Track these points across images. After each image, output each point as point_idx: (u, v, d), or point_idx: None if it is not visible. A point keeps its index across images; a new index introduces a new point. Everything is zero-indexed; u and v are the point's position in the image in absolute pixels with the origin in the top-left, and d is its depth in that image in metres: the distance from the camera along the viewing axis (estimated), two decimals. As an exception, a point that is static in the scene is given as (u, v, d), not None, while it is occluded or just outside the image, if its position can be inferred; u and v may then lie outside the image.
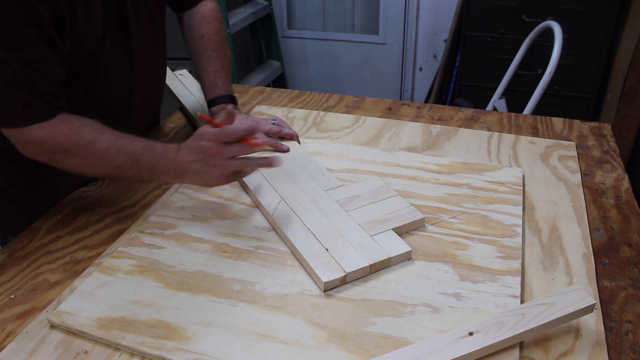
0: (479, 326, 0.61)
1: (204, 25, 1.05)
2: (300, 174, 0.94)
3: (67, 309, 0.68)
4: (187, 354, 0.62)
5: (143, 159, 0.80)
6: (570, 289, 0.64)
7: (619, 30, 2.15)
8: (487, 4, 2.23)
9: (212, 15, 1.07)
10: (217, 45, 1.05)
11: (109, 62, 0.88)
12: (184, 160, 0.79)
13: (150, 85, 1.02)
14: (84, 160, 0.80)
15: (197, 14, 1.06)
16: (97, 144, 0.78)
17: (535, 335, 0.63)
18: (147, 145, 0.80)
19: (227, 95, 1.04)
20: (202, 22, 1.05)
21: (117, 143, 0.79)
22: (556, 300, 0.63)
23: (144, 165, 0.80)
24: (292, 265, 0.75)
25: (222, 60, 1.05)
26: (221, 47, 1.06)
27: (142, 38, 0.93)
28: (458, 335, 0.60)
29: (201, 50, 1.04)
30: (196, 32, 1.05)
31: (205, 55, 1.04)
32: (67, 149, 0.78)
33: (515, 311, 0.62)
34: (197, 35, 1.05)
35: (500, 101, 2.10)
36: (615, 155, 1.03)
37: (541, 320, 0.61)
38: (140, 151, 0.79)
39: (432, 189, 0.91)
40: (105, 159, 0.79)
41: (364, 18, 2.96)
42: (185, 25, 1.07)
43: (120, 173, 0.82)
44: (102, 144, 0.78)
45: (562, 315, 0.61)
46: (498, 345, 0.60)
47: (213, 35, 1.05)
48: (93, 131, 0.78)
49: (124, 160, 0.79)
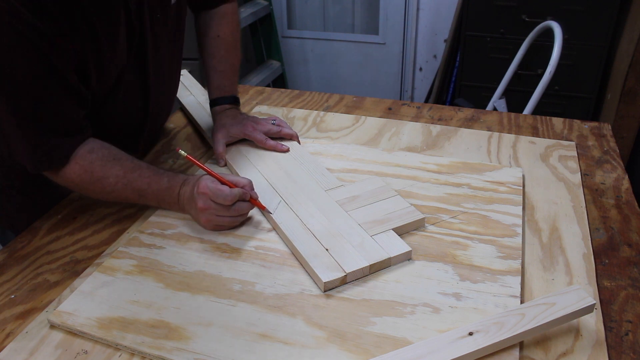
0: (479, 326, 0.61)
1: (222, 26, 1.06)
2: (300, 174, 0.94)
3: (67, 309, 0.68)
4: (187, 354, 0.62)
5: (149, 194, 0.84)
6: (570, 289, 0.64)
7: (619, 30, 2.15)
8: (487, 4, 2.23)
9: (231, 16, 1.07)
10: (230, 46, 1.06)
11: (127, 87, 0.89)
12: (183, 201, 0.83)
13: (164, 102, 1.03)
14: (96, 194, 0.85)
15: (216, 14, 1.07)
16: (106, 180, 0.82)
17: (535, 335, 0.63)
18: (153, 180, 0.84)
19: (231, 97, 1.06)
20: (221, 22, 1.06)
21: (125, 178, 0.83)
22: (556, 300, 0.63)
23: (150, 199, 0.85)
24: (292, 265, 0.75)
25: (232, 61, 1.07)
26: (234, 49, 1.07)
27: (158, 61, 0.94)
28: (458, 335, 0.60)
29: (214, 49, 1.05)
30: (213, 31, 1.06)
31: (217, 54, 1.05)
32: (79, 185, 0.84)
33: (515, 311, 0.62)
34: (213, 35, 1.06)
35: (500, 101, 2.10)
36: (615, 155, 1.03)
37: (541, 320, 0.61)
38: (146, 187, 0.83)
39: (432, 189, 0.91)
40: (114, 194, 0.84)
41: (364, 18, 2.96)
42: (202, 22, 1.07)
43: (131, 202, 0.87)
44: (110, 180, 0.82)
45: (562, 315, 0.61)
46: (498, 345, 0.60)
47: (228, 36, 1.06)
48: (103, 167, 0.82)
49: (132, 195, 0.84)
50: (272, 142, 1.02)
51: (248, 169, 0.96)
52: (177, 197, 0.83)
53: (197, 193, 0.80)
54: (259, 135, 1.02)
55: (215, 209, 0.79)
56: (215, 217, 0.80)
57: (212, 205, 0.79)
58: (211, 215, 0.80)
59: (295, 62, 3.14)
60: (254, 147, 1.03)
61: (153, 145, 1.11)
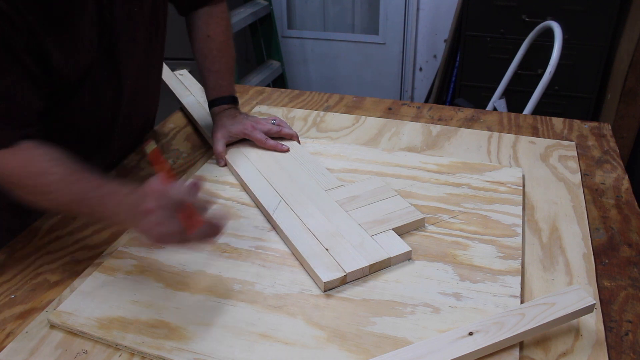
0: (479, 326, 0.61)
1: (211, 25, 1.04)
2: (300, 174, 0.94)
3: (67, 309, 0.68)
4: (187, 354, 0.62)
5: (91, 198, 0.70)
6: (570, 289, 0.64)
7: (619, 30, 2.15)
8: (487, 4, 2.23)
9: (220, 15, 1.06)
10: (223, 45, 1.05)
11: (96, 83, 0.85)
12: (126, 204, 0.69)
13: (139, 103, 1.00)
14: (32, 194, 0.73)
15: (205, 14, 1.05)
16: (47, 177, 0.71)
17: (535, 335, 0.63)
18: (100, 184, 0.71)
19: (229, 97, 1.05)
20: (210, 22, 1.05)
21: (68, 178, 0.70)
22: (556, 300, 0.63)
23: (92, 204, 0.71)
24: (292, 265, 0.75)
25: (226, 60, 1.05)
26: (227, 48, 1.05)
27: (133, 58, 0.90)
28: (458, 335, 0.60)
29: (207, 50, 1.04)
30: (202, 31, 1.04)
31: (210, 55, 1.04)
32: (13, 179, 0.72)
33: (515, 311, 0.62)
34: (203, 35, 1.04)
35: (500, 101, 2.10)
36: (615, 155, 1.03)
37: (541, 320, 0.61)
38: (89, 190, 0.70)
39: (432, 189, 0.91)
40: (53, 195, 0.71)
41: (364, 18, 2.96)
42: (192, 24, 1.06)
43: (72, 210, 0.76)
44: (52, 177, 0.70)
45: (562, 315, 0.61)
46: (498, 345, 0.60)
47: (219, 36, 1.04)
48: (45, 163, 0.71)
49: (72, 199, 0.71)
50: (273, 142, 1.02)
51: (248, 169, 0.96)
52: (120, 200, 0.69)
53: (144, 193, 0.67)
54: (259, 135, 1.02)
55: (163, 209, 0.64)
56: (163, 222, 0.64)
57: (162, 204, 0.64)
58: (158, 219, 0.64)
59: (295, 62, 3.14)
60: (254, 147, 1.03)
61: (130, 151, 1.07)
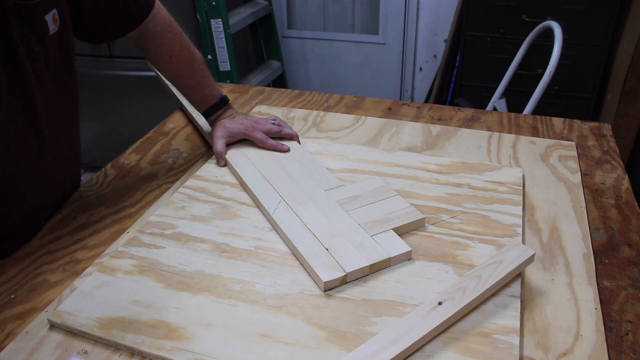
0: (444, 295, 0.66)
1: (166, 45, 0.98)
2: (300, 174, 0.94)
3: (67, 309, 0.68)
4: (187, 354, 0.62)
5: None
6: (511, 245, 0.72)
7: (619, 30, 2.15)
8: (487, 4, 2.23)
9: (165, 29, 0.97)
10: (187, 58, 1.00)
11: None
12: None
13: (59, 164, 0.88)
14: None
15: (155, 35, 0.97)
16: None
17: (490, 294, 0.68)
18: None
19: (219, 101, 1.04)
20: (164, 42, 0.98)
21: None
22: (503, 258, 0.70)
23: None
24: (292, 265, 0.75)
25: (199, 69, 1.02)
26: (192, 59, 1.01)
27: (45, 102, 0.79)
28: (429, 307, 0.64)
29: (175, 69, 1.01)
30: (161, 55, 0.98)
31: (181, 72, 1.01)
32: None
33: (471, 274, 0.69)
34: (164, 58, 0.99)
35: (500, 101, 2.10)
36: (615, 155, 1.03)
37: (495, 278, 0.67)
38: None
39: (432, 189, 0.91)
40: None
41: (364, 18, 2.96)
42: (145, 48, 0.99)
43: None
44: None
45: (511, 269, 0.69)
46: (465, 308, 0.65)
47: (180, 50, 0.99)
48: None
49: None
50: (273, 142, 1.02)
51: (248, 169, 0.96)
52: None
53: None
54: (259, 135, 1.02)
55: None
56: None
57: None
58: None
59: (295, 62, 3.14)
60: (254, 147, 1.03)
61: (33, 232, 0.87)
